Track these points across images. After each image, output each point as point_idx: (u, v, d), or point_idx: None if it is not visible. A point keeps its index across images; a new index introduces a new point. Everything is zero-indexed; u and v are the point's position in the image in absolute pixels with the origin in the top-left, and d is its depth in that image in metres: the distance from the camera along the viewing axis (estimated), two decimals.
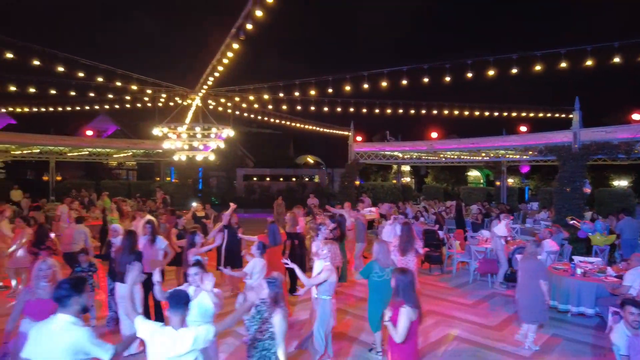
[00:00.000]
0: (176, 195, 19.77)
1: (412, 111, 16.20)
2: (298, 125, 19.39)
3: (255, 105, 13.66)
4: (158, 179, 26.96)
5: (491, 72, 10.52)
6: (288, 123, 18.34)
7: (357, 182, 22.18)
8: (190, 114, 12.77)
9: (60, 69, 8.79)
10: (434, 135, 19.22)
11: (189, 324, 3.48)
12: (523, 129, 17.67)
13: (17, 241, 7.79)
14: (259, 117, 17.38)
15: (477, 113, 16.73)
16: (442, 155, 19.19)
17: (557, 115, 17.22)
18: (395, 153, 20.19)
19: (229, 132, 12.49)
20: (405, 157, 20.58)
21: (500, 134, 16.67)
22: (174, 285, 7.23)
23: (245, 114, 16.11)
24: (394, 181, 26.97)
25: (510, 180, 31.95)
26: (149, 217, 8.62)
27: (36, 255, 6.55)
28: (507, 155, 17.84)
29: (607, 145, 12.53)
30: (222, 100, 13.53)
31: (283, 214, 17.18)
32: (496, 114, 16.53)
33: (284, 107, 13.55)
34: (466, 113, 16.77)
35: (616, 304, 5.47)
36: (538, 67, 10.23)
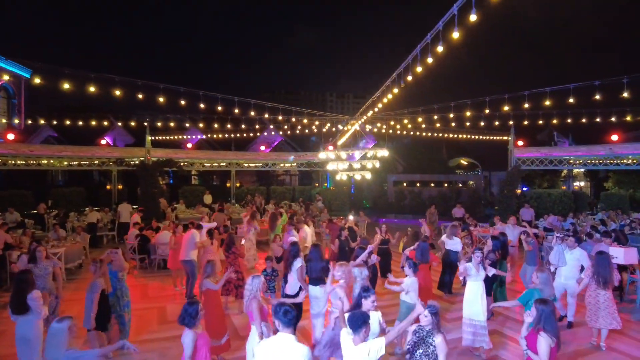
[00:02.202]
0: (334, 202, 21.46)
1: (598, 119, 14.39)
2: (452, 135, 19.13)
3: (409, 126, 14.29)
4: (317, 184, 29.54)
5: None
6: (442, 135, 18.33)
7: (519, 191, 20.55)
8: (347, 135, 14.08)
9: (252, 113, 11.48)
10: (615, 138, 16.66)
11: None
12: None
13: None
14: (412, 133, 17.91)
15: None
16: (625, 161, 16.49)
17: None
18: (566, 158, 18.15)
19: (383, 153, 13.35)
20: (578, 162, 18.31)
21: None
22: None
23: (399, 132, 16.86)
24: (563, 187, 24.06)
25: None
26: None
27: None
28: None
29: None
30: (378, 124, 14.54)
31: (436, 222, 17.18)
32: None
33: (437, 125, 13.84)
34: None
35: None
36: None
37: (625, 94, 9.81)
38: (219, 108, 13.81)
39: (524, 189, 25.70)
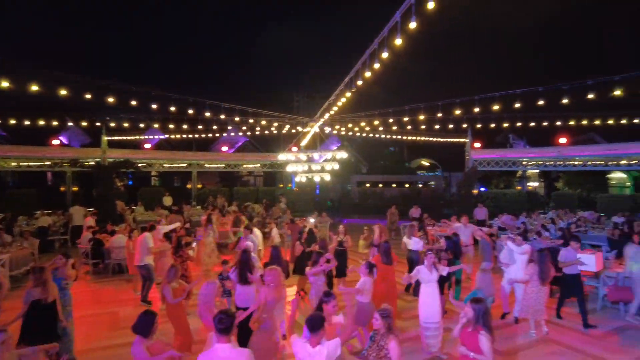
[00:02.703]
0: (297, 202, 21.45)
1: (545, 123, 15.16)
2: (410, 138, 19.62)
3: (367, 128, 14.50)
4: (281, 185, 29.44)
5: None
6: (401, 137, 18.73)
7: (476, 191, 21.28)
8: (308, 137, 14.14)
9: (207, 114, 11.23)
10: (563, 140, 17.62)
11: None
12: None
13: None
14: (370, 135, 18.20)
15: (624, 121, 14.92)
16: (574, 162, 17.45)
17: None
18: (519, 159, 18.96)
19: (342, 154, 13.52)
20: (531, 163, 19.18)
21: None
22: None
23: (358, 134, 17.06)
24: (518, 187, 25.17)
25: None
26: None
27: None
28: None
29: None
30: (337, 126, 14.69)
31: (397, 223, 17.53)
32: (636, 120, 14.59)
33: (394, 127, 14.13)
34: (611, 122, 15.05)
35: None
36: None
37: (565, 100, 10.40)
38: (172, 109, 13.44)
39: (482, 189, 26.60)
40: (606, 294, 8.59)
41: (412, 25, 6.79)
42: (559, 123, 14.72)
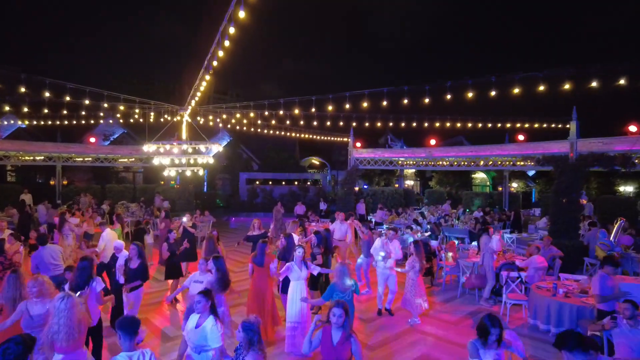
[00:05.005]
0: (178, 200, 20.03)
1: (414, 124, 16.27)
2: (296, 135, 19.60)
3: (245, 121, 13.95)
4: (163, 182, 27.28)
5: (493, 93, 10.71)
6: (285, 134, 18.57)
7: (357, 188, 22.17)
8: (184, 130, 13.06)
9: (47, 94, 9.44)
10: (433, 142, 19.22)
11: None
12: (521, 137, 17.59)
13: None
14: (252, 130, 17.72)
15: (479, 125, 16.73)
16: (441, 163, 19.12)
17: (553, 125, 17.14)
18: (396, 159, 20.22)
19: (217, 148, 12.67)
20: (407, 162, 20.58)
21: (504, 141, 16.66)
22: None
23: (238, 127, 16.40)
24: (396, 185, 26.90)
25: (514, 185, 31.61)
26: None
27: None
28: (506, 164, 17.79)
29: (604, 156, 12.43)
30: (210, 117, 13.84)
31: (281, 220, 17.33)
32: (499, 125, 16.58)
33: (287, 121, 13.82)
34: (469, 125, 16.79)
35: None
36: (541, 88, 10.40)
37: (427, 100, 11.17)
38: (23, 89, 10.82)
39: (365, 187, 27.92)
40: (464, 281, 9.33)
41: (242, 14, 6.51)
42: (426, 125, 15.98)
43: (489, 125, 17.11)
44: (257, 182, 28.58)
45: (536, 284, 7.90)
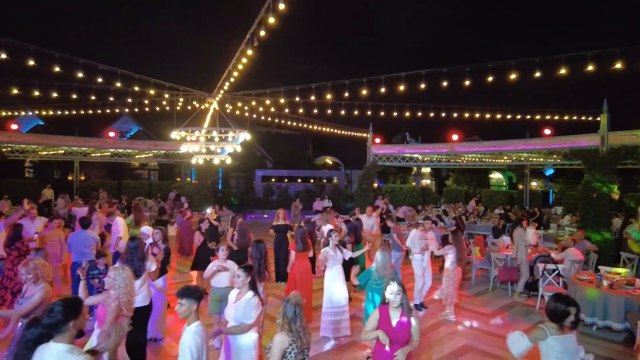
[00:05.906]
0: (195, 196, 19.96)
1: (432, 114, 15.98)
2: (315, 127, 19.42)
3: (272, 109, 13.75)
4: (179, 179, 27.30)
5: (513, 76, 10.36)
6: (305, 125, 18.39)
7: (376, 185, 21.91)
8: (208, 118, 12.89)
9: (80, 74, 9.19)
10: (455, 137, 18.86)
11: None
12: (547, 131, 17.15)
13: None
14: (276, 120, 17.52)
15: (498, 116, 16.38)
16: (463, 159, 18.81)
17: (583, 118, 16.64)
18: (415, 155, 19.89)
19: (245, 135, 12.47)
20: (426, 159, 20.25)
21: (524, 136, 16.26)
22: None
23: (263, 117, 16.24)
24: (413, 184, 26.59)
25: (534, 184, 31.08)
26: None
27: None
28: (530, 159, 17.39)
29: (638, 149, 12.03)
30: (239, 104, 13.64)
31: (299, 215, 17.21)
32: (519, 116, 16.16)
33: (300, 110, 13.62)
34: (487, 116, 16.44)
35: None
36: (563, 71, 10.03)
37: (445, 84, 10.83)
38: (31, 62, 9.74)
39: (380, 184, 27.70)
40: (496, 275, 9.03)
41: None
42: (455, 115, 15.64)
43: (508, 117, 16.70)
44: (273, 180, 28.45)
45: (576, 275, 7.59)
